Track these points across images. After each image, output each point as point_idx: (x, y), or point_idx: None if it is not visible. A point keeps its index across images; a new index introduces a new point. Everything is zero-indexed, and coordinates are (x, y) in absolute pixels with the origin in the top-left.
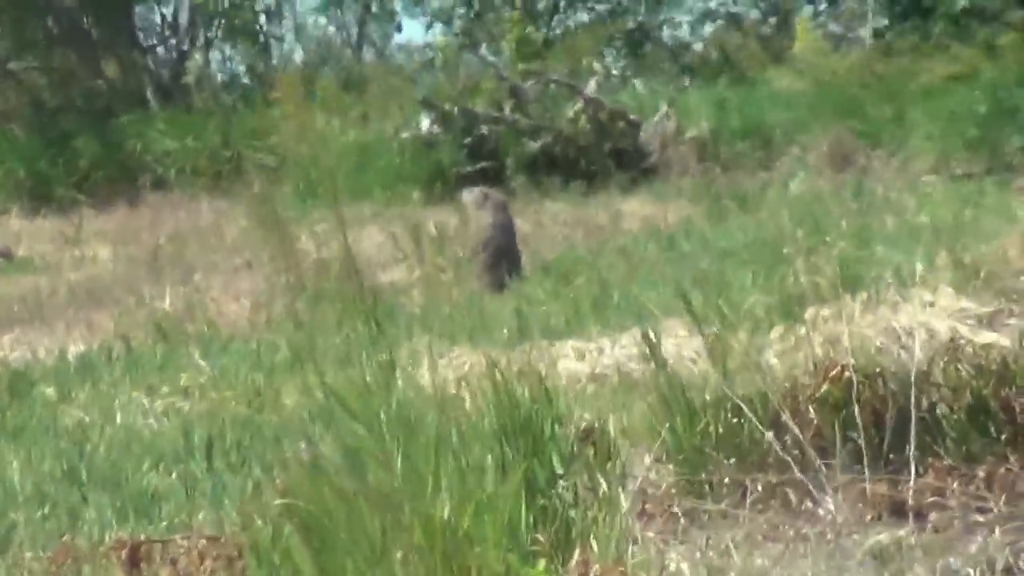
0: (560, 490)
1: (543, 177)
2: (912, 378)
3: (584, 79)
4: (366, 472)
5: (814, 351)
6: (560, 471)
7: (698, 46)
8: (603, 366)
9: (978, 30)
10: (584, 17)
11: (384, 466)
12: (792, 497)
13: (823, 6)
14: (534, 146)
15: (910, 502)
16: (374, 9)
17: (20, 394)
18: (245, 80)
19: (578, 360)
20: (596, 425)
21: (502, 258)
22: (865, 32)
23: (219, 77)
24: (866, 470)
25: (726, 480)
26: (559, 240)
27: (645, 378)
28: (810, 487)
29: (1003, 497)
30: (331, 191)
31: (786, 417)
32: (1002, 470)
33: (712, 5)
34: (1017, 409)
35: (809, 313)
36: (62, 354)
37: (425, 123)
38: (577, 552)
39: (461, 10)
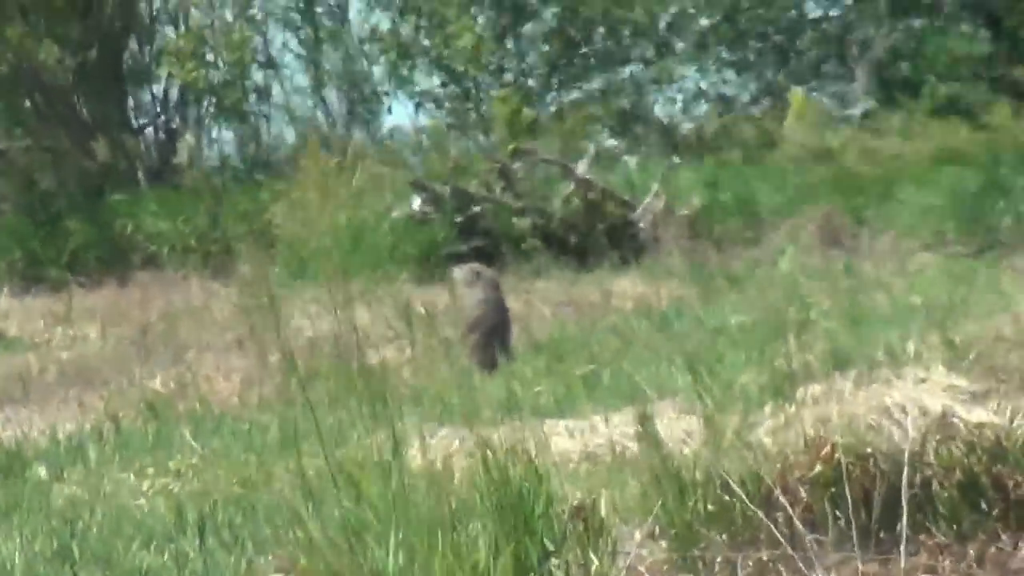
0: (552, 568)
1: (535, 256)
2: (905, 455)
3: (575, 158)
4: (361, 551)
5: (805, 430)
6: (551, 548)
7: (689, 125)
8: (595, 444)
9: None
10: (576, 95)
11: (378, 545)
12: (783, 575)
13: (814, 84)
14: (526, 224)
15: None
16: (363, 90)
17: (11, 474)
18: (235, 161)
19: (570, 438)
20: (588, 503)
21: (494, 336)
22: (856, 111)
23: (207, 157)
24: (857, 548)
25: (718, 558)
26: (550, 319)
27: (637, 456)
28: (801, 565)
29: (995, 575)
30: (324, 270)
31: (777, 495)
32: (993, 548)
33: (703, 86)
34: (1009, 486)
35: (800, 392)
36: (53, 434)
37: (416, 203)
38: None
39: (449, 89)
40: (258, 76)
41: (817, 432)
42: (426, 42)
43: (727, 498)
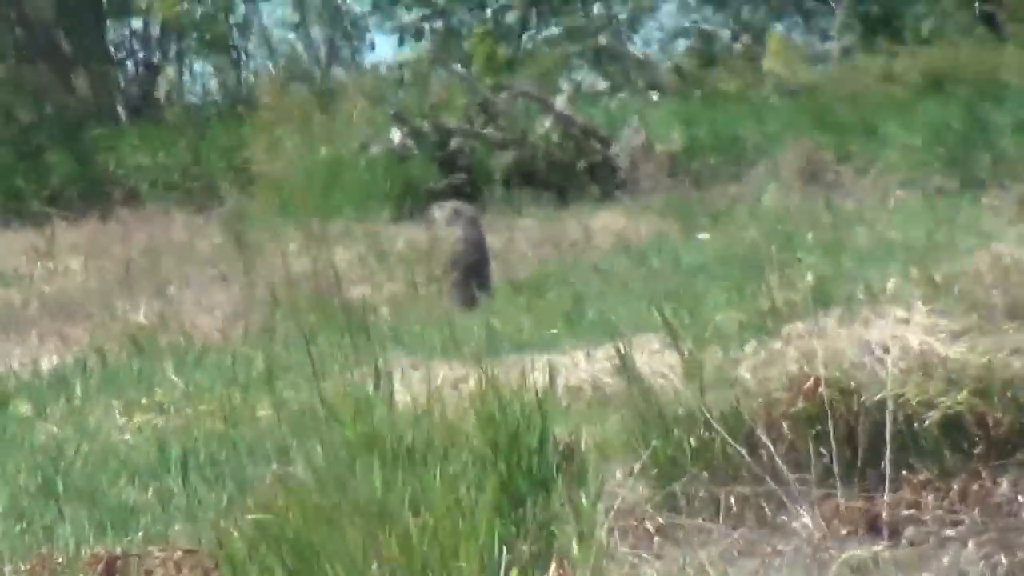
0: (538, 505)
1: (515, 192)
2: (887, 393)
3: (554, 94)
4: (344, 486)
5: (787, 366)
6: (541, 487)
7: (668, 62)
8: (578, 379)
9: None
10: (554, 31)
11: (362, 480)
12: (767, 512)
13: (794, 20)
14: (506, 159)
15: (885, 517)
16: (345, 25)
17: None
18: (216, 95)
19: (552, 374)
20: (571, 439)
21: (473, 274)
22: (835, 47)
23: (189, 92)
24: (840, 485)
25: (700, 494)
26: (531, 256)
27: (619, 393)
28: (785, 501)
29: (977, 511)
30: (302, 207)
31: (760, 432)
32: (976, 484)
33: (685, 23)
34: (991, 423)
35: (783, 328)
36: (35, 368)
37: (396, 137)
38: (553, 567)
39: (432, 25)
40: (240, 10)
41: (800, 368)
42: None
43: (709, 434)
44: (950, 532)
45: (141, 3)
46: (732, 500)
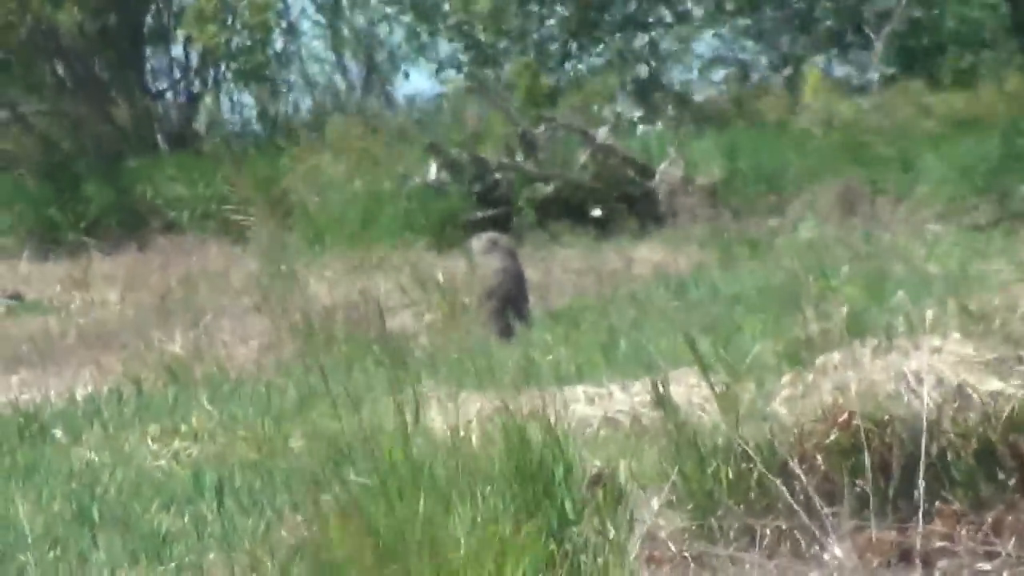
0: (571, 535)
1: (553, 223)
2: (923, 424)
3: (595, 125)
4: (380, 517)
5: (822, 398)
6: (572, 516)
7: (707, 92)
8: (614, 411)
9: (984, 77)
10: (595, 62)
11: (399, 511)
12: (801, 543)
13: (833, 52)
14: (545, 191)
15: (918, 548)
16: (379, 58)
17: (29, 436)
18: (255, 125)
19: (588, 405)
20: (606, 470)
21: (510, 304)
22: (873, 76)
23: (227, 122)
24: (873, 516)
25: (735, 525)
26: (569, 286)
27: (655, 424)
28: (817, 533)
29: (1012, 542)
30: (340, 238)
31: (794, 464)
32: (1011, 516)
33: (724, 54)
34: None
35: (818, 360)
36: (71, 396)
37: (433, 170)
38: None
39: (468, 55)
40: (278, 42)
41: (835, 400)
42: (445, 6)
43: (744, 466)
44: (984, 565)
45: (181, 34)
46: (767, 531)
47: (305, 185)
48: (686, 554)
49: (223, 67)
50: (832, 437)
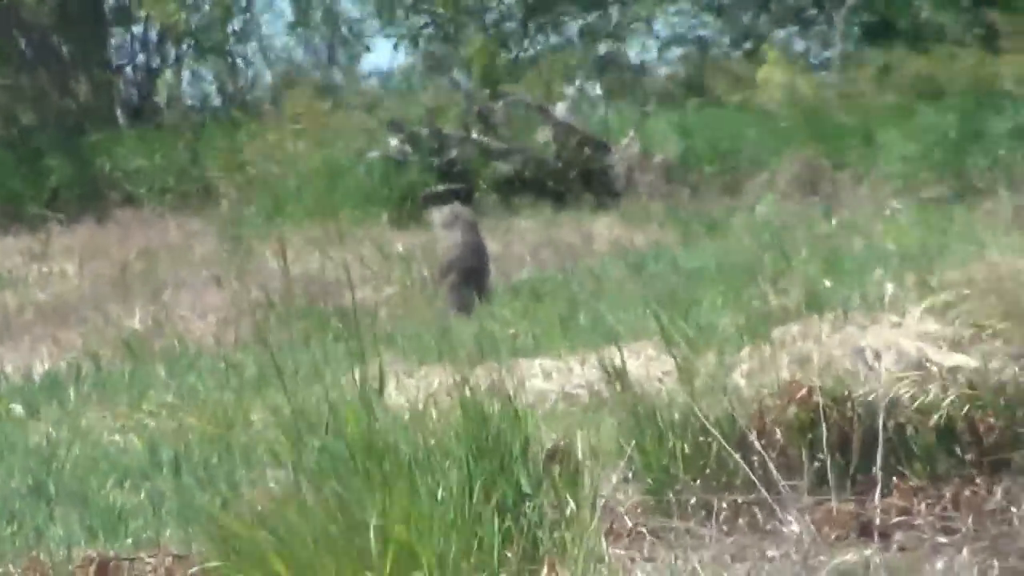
0: (527, 510)
1: (512, 198)
2: (880, 399)
3: (553, 102)
4: (334, 492)
5: (780, 373)
6: (528, 490)
7: (664, 70)
8: (572, 385)
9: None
10: (552, 40)
11: (352, 486)
12: (759, 517)
13: (794, 29)
14: (505, 168)
15: (877, 522)
16: (343, 31)
17: None
18: (215, 100)
19: (546, 379)
20: (563, 444)
21: (471, 278)
22: (833, 53)
23: (189, 97)
24: (832, 491)
25: (693, 500)
26: (528, 260)
27: (613, 398)
28: (776, 508)
29: (970, 517)
30: (300, 211)
31: (752, 438)
32: (969, 491)
33: (681, 30)
34: (983, 430)
35: (776, 333)
36: (28, 371)
37: (393, 143)
38: (544, 571)
39: (429, 31)
40: (237, 19)
41: (793, 375)
42: None
43: (703, 440)
44: (942, 539)
45: (140, 12)
46: (725, 505)
47: (265, 158)
48: (643, 528)
49: (183, 44)
50: (791, 412)
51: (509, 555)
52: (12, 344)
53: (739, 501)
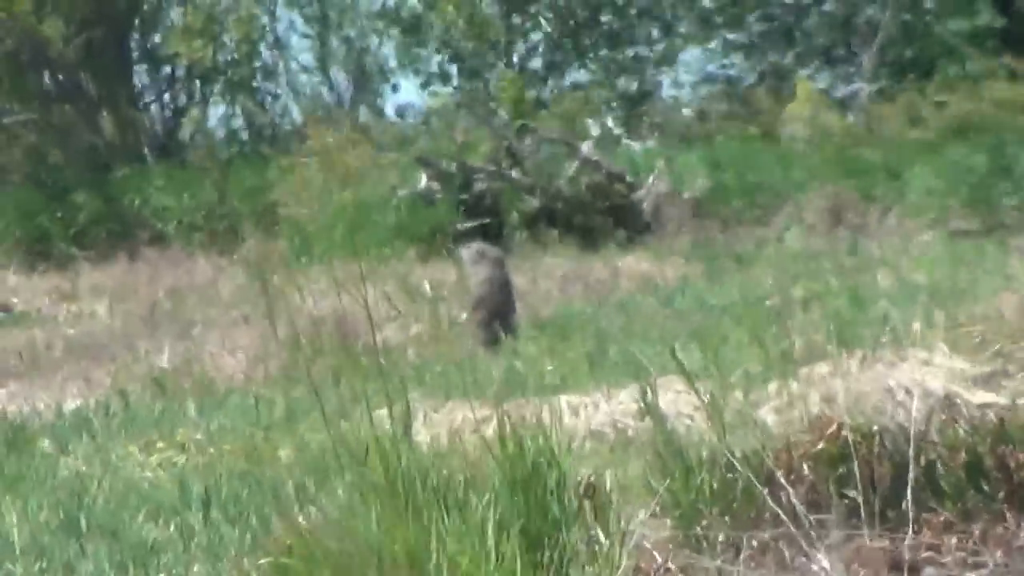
0: (559, 545)
1: (541, 234)
2: (910, 436)
3: (580, 138)
4: (364, 528)
5: (809, 408)
6: (562, 526)
7: (693, 107)
8: (599, 423)
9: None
10: (582, 77)
11: (382, 522)
12: (786, 554)
13: (820, 66)
14: (533, 203)
15: (906, 558)
16: (368, 70)
17: (17, 448)
18: (242, 136)
19: (573, 416)
20: (594, 480)
21: (497, 314)
22: (862, 87)
23: (216, 133)
24: (864, 527)
25: (721, 536)
26: (556, 296)
27: (641, 434)
28: (803, 544)
29: (999, 553)
30: (328, 249)
31: (780, 474)
32: (998, 527)
33: (710, 68)
34: (1013, 467)
35: (804, 370)
36: (59, 408)
37: (423, 181)
38: None
39: (456, 67)
40: (265, 54)
41: (822, 411)
42: (433, 19)
43: (731, 476)
44: (971, 574)
45: (168, 48)
46: (753, 542)
47: (293, 196)
48: (671, 565)
49: (210, 80)
50: (819, 447)
51: None
52: (43, 381)
53: (767, 537)
